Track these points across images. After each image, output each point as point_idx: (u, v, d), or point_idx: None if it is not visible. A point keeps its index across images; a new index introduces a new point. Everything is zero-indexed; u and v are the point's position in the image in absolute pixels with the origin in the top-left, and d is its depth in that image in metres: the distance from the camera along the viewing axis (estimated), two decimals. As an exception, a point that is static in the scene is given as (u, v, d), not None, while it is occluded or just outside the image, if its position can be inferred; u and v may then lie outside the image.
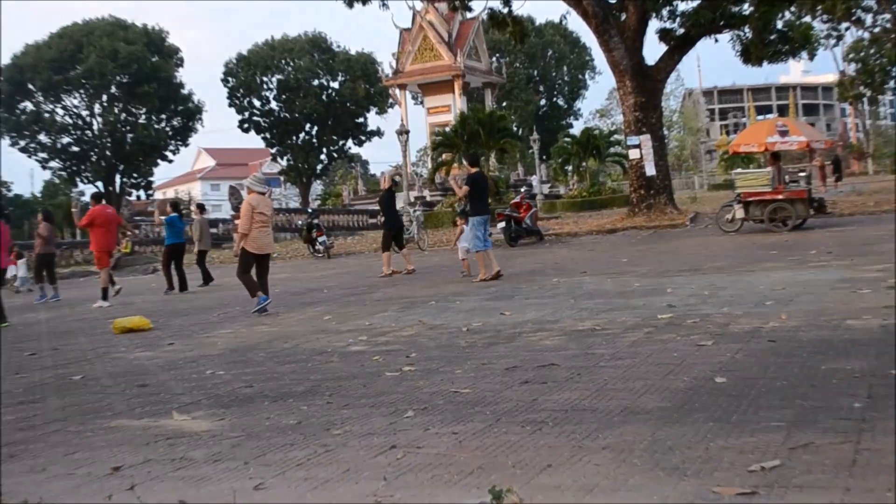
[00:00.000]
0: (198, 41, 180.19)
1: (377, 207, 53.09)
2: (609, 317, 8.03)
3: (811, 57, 27.46)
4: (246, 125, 70.49)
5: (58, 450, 4.70)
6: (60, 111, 62.95)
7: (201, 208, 19.89)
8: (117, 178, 64.96)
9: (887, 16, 39.56)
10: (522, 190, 26.85)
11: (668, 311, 8.01)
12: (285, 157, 72.19)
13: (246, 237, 11.46)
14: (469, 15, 47.49)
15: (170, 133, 65.95)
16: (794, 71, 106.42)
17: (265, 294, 11.47)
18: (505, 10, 28.52)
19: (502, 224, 21.78)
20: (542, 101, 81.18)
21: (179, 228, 18.00)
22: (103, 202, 16.19)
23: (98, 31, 62.00)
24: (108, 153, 63.51)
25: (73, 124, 63.12)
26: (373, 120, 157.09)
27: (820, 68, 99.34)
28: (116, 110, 63.33)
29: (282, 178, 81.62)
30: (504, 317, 8.76)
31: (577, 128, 74.84)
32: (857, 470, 3.33)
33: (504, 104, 70.96)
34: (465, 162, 13.96)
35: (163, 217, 19.94)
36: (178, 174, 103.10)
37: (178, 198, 59.12)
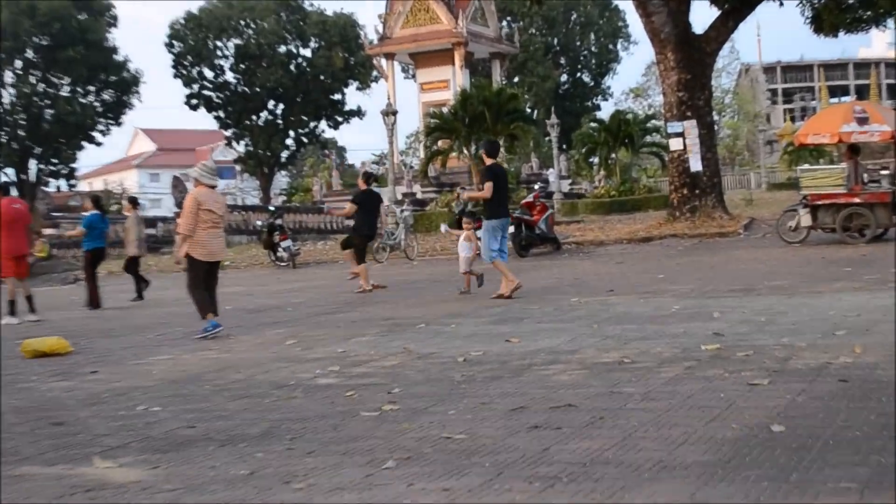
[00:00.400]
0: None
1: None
2: (640, 347, 8.05)
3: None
4: (195, 101, 70.67)
5: (-51, 503, 4.69)
6: (-39, 80, 63.04)
7: (134, 203, 19.94)
8: (32, 165, 64.89)
9: None
10: (536, 187, 26.96)
11: (715, 340, 8.04)
12: (242, 142, 72.37)
13: (190, 240, 11.46)
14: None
15: (99, 109, 66.07)
16: (877, 43, 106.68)
17: (214, 314, 11.47)
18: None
19: (510, 229, 21.87)
20: (564, 77, 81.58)
21: (101, 230, 18.00)
22: (13, 194, 16.22)
23: (12, -20, 62.16)
24: (20, 133, 63.42)
25: (-23, 96, 63.18)
26: (352, 97, 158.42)
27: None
28: (33, 80, 63.30)
29: (238, 168, 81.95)
30: (510, 344, 8.78)
31: (605, 111, 75.14)
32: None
33: (516, 80, 71.36)
34: (481, 151, 14.00)
35: (85, 213, 19.93)
36: (109, 161, 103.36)
37: (98, 192, 58.84)
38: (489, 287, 14.48)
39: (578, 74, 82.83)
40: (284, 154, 73.50)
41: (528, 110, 62.73)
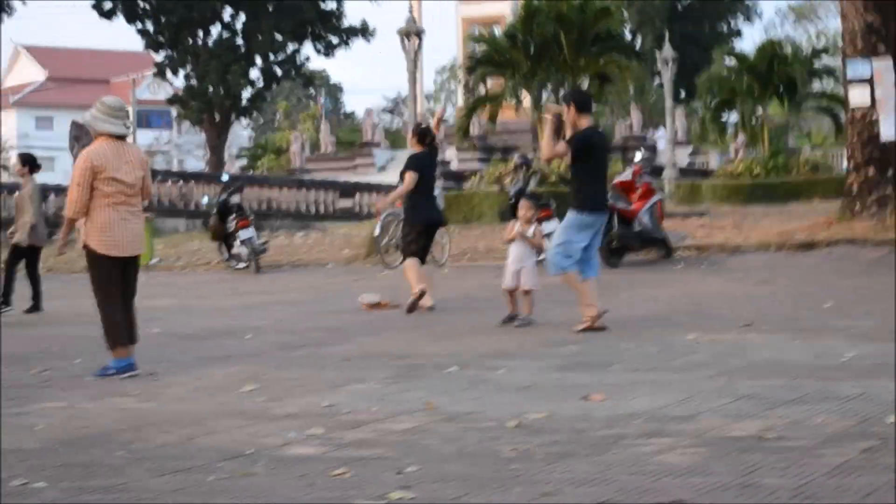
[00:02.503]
0: None
1: (367, 178, 52.41)
2: (792, 414, 8.02)
3: None
4: (108, 5, 70.82)
5: None
6: None
7: (30, 163, 19.75)
8: None
9: None
10: (637, 158, 26.87)
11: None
12: (182, 72, 72.47)
13: (86, 225, 11.41)
14: None
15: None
16: None
17: (129, 342, 11.53)
18: None
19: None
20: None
21: None
22: None
23: None
24: None
25: None
26: (355, 6, 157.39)
27: None
28: None
29: (173, 113, 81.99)
30: (589, 404, 8.78)
31: (749, 40, 74.81)
32: None
33: (610, -12, 71.08)
34: (566, 105, 13.86)
35: None
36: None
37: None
38: (556, 313, 14.49)
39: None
40: (247, 93, 73.50)
41: (629, 35, 62.66)
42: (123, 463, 7.44)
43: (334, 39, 72.42)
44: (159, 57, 71.89)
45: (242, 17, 71.34)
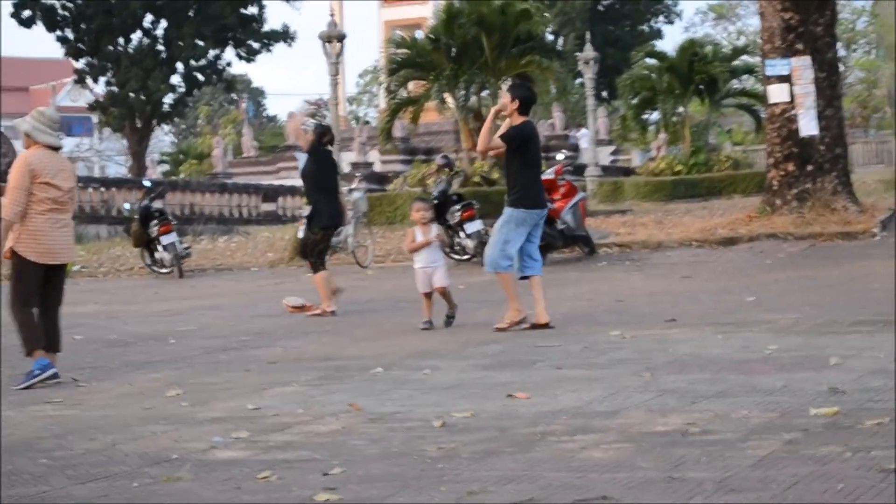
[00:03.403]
0: None
1: (291, 182, 52.50)
2: (716, 408, 8.08)
3: None
4: (26, 12, 70.31)
5: None
6: None
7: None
8: None
9: None
10: (560, 157, 27.06)
11: (831, 401, 8.07)
12: (102, 79, 72.05)
13: (18, 229, 11.37)
14: None
15: None
16: None
17: (52, 350, 11.43)
18: None
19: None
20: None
21: None
22: None
23: None
24: None
25: None
26: (276, 11, 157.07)
27: None
28: None
29: (94, 120, 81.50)
30: (514, 402, 8.80)
31: (670, 39, 75.40)
32: None
33: (531, -11, 71.30)
34: (512, 98, 13.79)
35: None
36: None
37: None
38: (480, 314, 14.51)
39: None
40: (168, 99, 73.14)
41: (550, 37, 62.89)
42: (46, 471, 7.38)
43: (256, 44, 72.30)
44: (80, 64, 71.44)
45: (164, 22, 71.11)
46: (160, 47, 71.18)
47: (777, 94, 26.05)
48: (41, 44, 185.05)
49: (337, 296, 16.63)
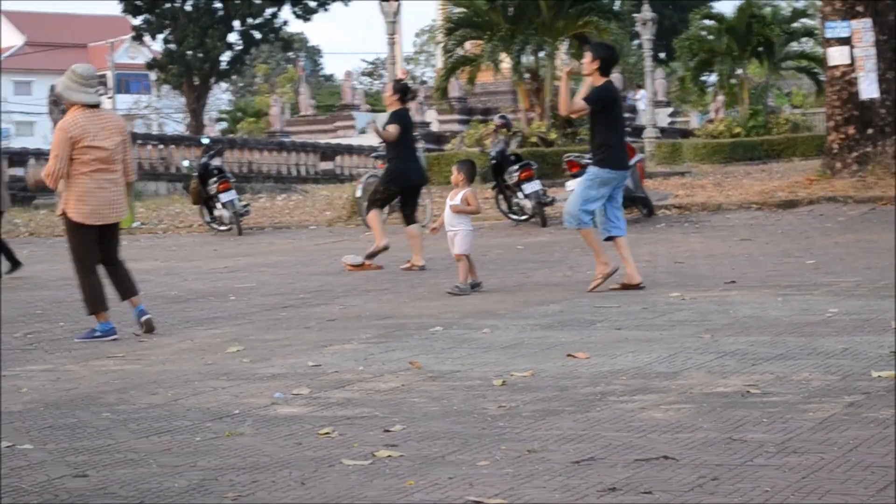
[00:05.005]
0: None
1: (348, 141, 52.47)
2: (776, 370, 8.05)
3: None
4: (87, -30, 70.54)
5: None
6: None
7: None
8: None
9: None
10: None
11: (892, 363, 8.02)
12: (160, 37, 72.26)
13: (66, 191, 11.35)
14: None
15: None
16: None
17: (129, 296, 11.52)
18: None
19: (571, 184, 21.84)
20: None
21: None
22: None
23: None
24: None
25: None
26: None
27: None
28: None
29: (152, 77, 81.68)
30: (574, 362, 8.80)
31: (727, 2, 74.67)
32: None
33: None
34: (593, 57, 13.54)
35: None
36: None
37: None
38: (539, 274, 14.46)
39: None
40: (225, 57, 73.32)
41: (609, -3, 62.40)
42: (109, 424, 7.44)
43: (312, 3, 72.27)
44: (137, 21, 71.61)
45: (222, -19, 71.03)
46: (217, 5, 71.17)
47: (837, 56, 25.80)
48: (100, 1, 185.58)
49: (379, 253, 16.61)
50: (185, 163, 34.68)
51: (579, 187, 13.51)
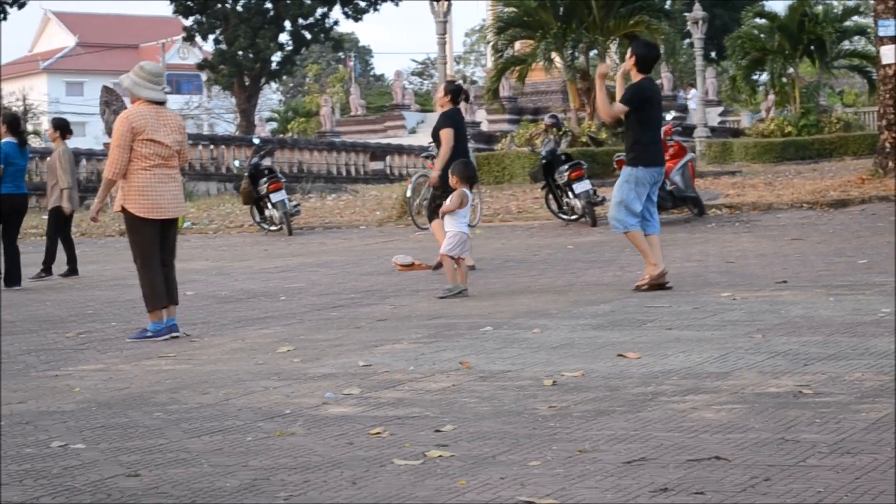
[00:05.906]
0: None
1: (398, 141, 52.65)
2: (829, 370, 8.02)
3: None
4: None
5: None
6: None
7: (62, 129, 19.74)
8: None
9: None
10: (669, 118, 26.78)
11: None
12: (211, 37, 72.64)
13: (124, 187, 11.39)
14: None
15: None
16: None
17: (168, 303, 11.55)
18: None
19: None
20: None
21: (19, 167, 17.90)
22: None
23: None
24: None
25: None
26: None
27: None
28: None
29: (203, 78, 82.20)
30: (625, 362, 8.80)
31: (779, 1, 74.41)
32: None
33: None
34: (629, 61, 13.60)
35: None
36: (5, 61, 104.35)
37: (12, 109, 59.18)
38: (590, 273, 14.42)
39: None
40: (276, 57, 73.63)
41: (659, -4, 62.26)
42: (161, 424, 7.49)
43: (363, 3, 72.48)
44: (188, 22, 72.04)
45: (272, -18, 71.33)
46: (268, 5, 71.52)
47: (889, 55, 25.68)
48: (151, 2, 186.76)
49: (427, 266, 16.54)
50: (236, 163, 34.95)
51: (616, 190, 13.45)
